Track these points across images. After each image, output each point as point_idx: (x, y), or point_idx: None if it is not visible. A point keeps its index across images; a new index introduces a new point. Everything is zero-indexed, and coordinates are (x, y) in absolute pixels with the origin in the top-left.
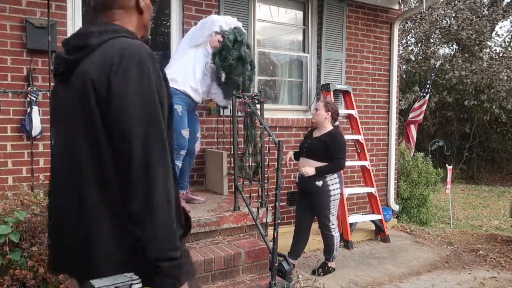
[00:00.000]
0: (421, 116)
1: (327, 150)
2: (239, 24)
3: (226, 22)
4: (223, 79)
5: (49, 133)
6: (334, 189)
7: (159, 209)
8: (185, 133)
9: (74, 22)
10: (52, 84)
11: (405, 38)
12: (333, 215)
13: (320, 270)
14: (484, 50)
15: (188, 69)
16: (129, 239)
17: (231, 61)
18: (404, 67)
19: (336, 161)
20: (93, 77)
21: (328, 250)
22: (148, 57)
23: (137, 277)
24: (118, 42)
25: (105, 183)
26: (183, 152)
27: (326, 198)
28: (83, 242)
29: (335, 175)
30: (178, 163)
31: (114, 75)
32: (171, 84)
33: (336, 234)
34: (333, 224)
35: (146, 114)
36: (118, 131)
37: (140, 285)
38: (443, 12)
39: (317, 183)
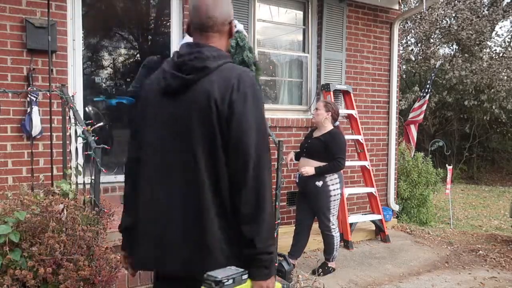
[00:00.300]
0: (421, 116)
1: (327, 150)
2: (241, 27)
3: None
4: None
5: (49, 133)
6: (334, 189)
7: (267, 212)
8: None
9: (74, 22)
10: (51, 84)
11: (405, 38)
12: (333, 215)
13: (320, 270)
14: (484, 50)
15: None
16: (234, 236)
17: None
18: (404, 67)
19: (336, 161)
20: (216, 96)
21: (328, 250)
22: (256, 82)
23: (243, 269)
24: (232, 67)
25: (218, 187)
26: None
27: (326, 198)
28: (201, 240)
29: (335, 175)
30: None
31: (235, 95)
32: None
33: (336, 234)
34: (333, 224)
35: (259, 129)
36: (236, 142)
37: (247, 275)
38: (443, 12)
39: (317, 183)
